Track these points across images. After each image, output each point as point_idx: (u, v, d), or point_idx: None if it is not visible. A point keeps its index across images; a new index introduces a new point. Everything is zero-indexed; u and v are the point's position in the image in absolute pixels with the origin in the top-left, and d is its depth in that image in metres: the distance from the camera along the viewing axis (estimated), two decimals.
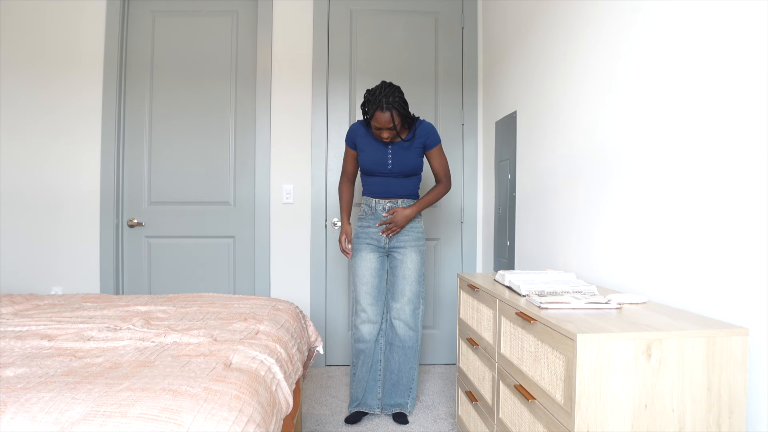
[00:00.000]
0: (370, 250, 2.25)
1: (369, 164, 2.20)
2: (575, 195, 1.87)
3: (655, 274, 1.40)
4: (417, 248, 2.24)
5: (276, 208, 2.99)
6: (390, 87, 2.05)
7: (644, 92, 1.44)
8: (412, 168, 2.21)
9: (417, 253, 2.24)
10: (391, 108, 2.02)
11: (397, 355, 2.26)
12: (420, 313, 2.28)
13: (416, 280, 2.24)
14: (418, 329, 2.27)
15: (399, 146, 2.19)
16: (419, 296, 2.26)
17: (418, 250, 2.25)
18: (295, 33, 3.00)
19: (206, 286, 3.00)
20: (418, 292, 2.26)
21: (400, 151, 2.19)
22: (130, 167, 2.99)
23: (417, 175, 2.27)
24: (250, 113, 3.02)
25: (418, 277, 2.24)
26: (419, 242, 2.26)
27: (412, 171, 2.22)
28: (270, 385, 1.25)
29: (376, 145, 2.19)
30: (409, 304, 2.23)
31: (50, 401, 0.97)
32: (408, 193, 2.25)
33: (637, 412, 1.03)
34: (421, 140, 2.21)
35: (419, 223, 2.28)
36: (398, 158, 2.19)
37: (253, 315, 1.75)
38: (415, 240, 2.25)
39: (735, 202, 1.12)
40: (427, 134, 2.21)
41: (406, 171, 2.20)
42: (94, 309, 1.86)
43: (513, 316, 1.39)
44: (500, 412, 1.50)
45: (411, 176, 2.24)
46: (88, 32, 2.91)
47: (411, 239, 2.24)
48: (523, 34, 2.37)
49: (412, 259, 2.23)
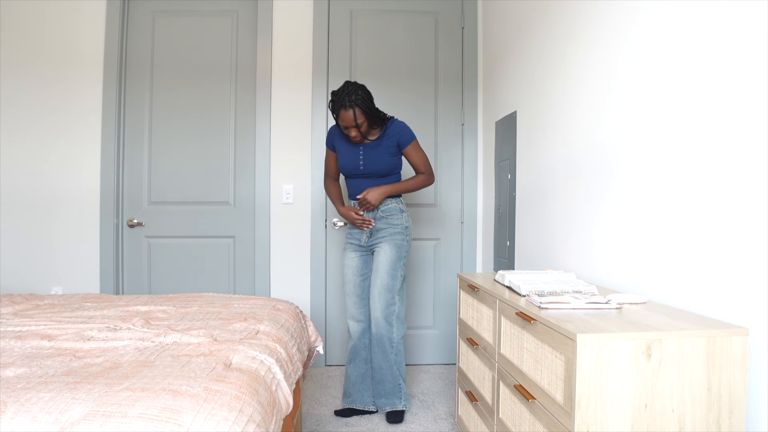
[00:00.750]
0: (353, 249, 2.31)
1: (344, 165, 2.26)
2: (575, 195, 1.87)
3: (655, 274, 1.40)
4: (392, 242, 2.21)
5: (276, 208, 2.99)
6: (353, 85, 2.11)
7: (644, 92, 1.44)
8: (385, 168, 2.22)
9: (391, 247, 2.21)
10: (353, 105, 2.07)
11: (376, 353, 2.23)
12: (395, 309, 2.22)
13: (387, 273, 2.19)
14: (393, 324, 2.22)
15: (370, 146, 2.22)
16: (391, 290, 2.20)
17: (393, 244, 2.21)
18: (295, 33, 3.00)
19: (206, 286, 3.00)
20: (390, 285, 2.20)
21: (371, 150, 2.22)
22: (130, 167, 2.99)
23: (393, 174, 2.27)
24: (250, 113, 3.02)
25: (390, 270, 2.20)
26: (395, 236, 2.22)
27: (385, 171, 2.23)
28: (270, 385, 1.25)
29: (349, 147, 2.25)
30: (379, 297, 2.19)
31: (50, 401, 0.97)
32: None
33: (637, 412, 1.03)
34: (393, 139, 2.21)
35: (399, 219, 2.24)
36: (369, 158, 2.21)
37: (253, 315, 1.75)
38: (391, 234, 2.22)
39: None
40: (398, 133, 2.21)
41: (378, 171, 2.22)
42: (94, 309, 1.86)
43: (513, 316, 1.39)
44: (500, 412, 1.50)
45: (387, 176, 2.25)
46: (88, 32, 2.91)
47: (387, 234, 2.23)
48: (523, 34, 2.37)
49: (385, 251, 2.21)
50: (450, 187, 3.09)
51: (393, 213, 2.25)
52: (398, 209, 2.25)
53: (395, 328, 2.23)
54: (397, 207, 2.25)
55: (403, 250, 2.23)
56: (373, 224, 2.23)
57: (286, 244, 2.99)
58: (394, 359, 2.24)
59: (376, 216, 2.25)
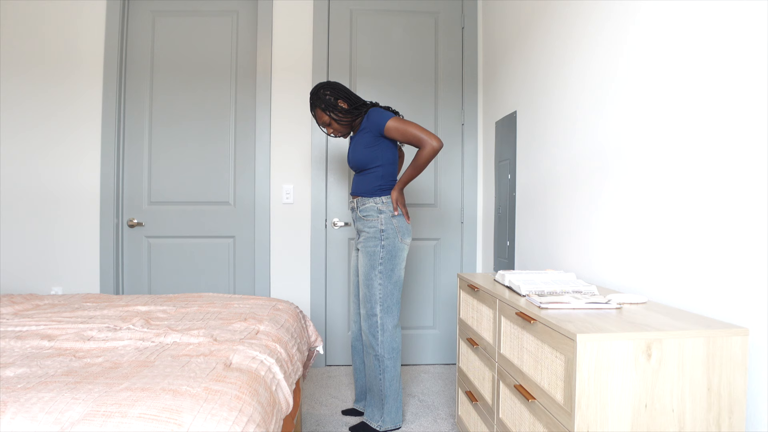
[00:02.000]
0: (354, 248, 2.27)
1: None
2: (575, 195, 1.87)
3: (655, 274, 1.40)
4: (364, 249, 2.08)
5: (276, 208, 2.99)
6: (318, 86, 2.13)
7: (644, 92, 1.44)
8: (358, 161, 2.09)
9: (364, 255, 2.08)
10: (315, 106, 2.13)
11: (368, 360, 2.13)
12: (376, 320, 2.05)
13: (363, 283, 2.08)
14: (376, 337, 2.06)
15: (353, 141, 2.16)
16: (369, 300, 2.06)
17: (365, 252, 2.07)
18: (295, 33, 3.00)
19: (206, 286, 3.00)
20: (366, 296, 2.07)
21: (353, 143, 2.16)
22: (130, 167, 2.99)
23: (372, 168, 2.08)
24: (250, 113, 3.02)
25: (364, 280, 2.07)
26: (368, 242, 2.06)
27: (359, 165, 2.09)
28: (270, 385, 1.25)
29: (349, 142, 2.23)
30: (362, 307, 2.11)
31: (50, 401, 0.97)
32: (361, 191, 2.11)
33: (637, 412, 1.03)
34: (367, 131, 2.07)
35: (374, 222, 2.06)
36: (351, 152, 2.15)
37: (253, 315, 1.75)
38: (365, 240, 2.08)
39: (735, 202, 1.12)
40: (371, 122, 2.06)
41: (355, 165, 2.12)
42: (94, 309, 1.86)
43: (513, 316, 1.39)
44: (500, 412, 1.50)
45: (364, 171, 2.10)
46: (87, 32, 2.91)
47: (363, 239, 2.10)
48: (523, 34, 2.37)
49: (361, 261, 2.11)
50: (450, 187, 3.09)
51: (369, 213, 2.09)
52: (375, 209, 2.07)
53: (380, 341, 2.06)
54: (374, 207, 2.07)
55: (376, 257, 2.04)
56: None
57: (286, 244, 2.99)
58: (383, 375, 2.08)
59: (357, 217, 2.14)
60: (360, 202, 2.12)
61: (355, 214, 2.15)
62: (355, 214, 2.15)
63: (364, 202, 2.10)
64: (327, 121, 2.14)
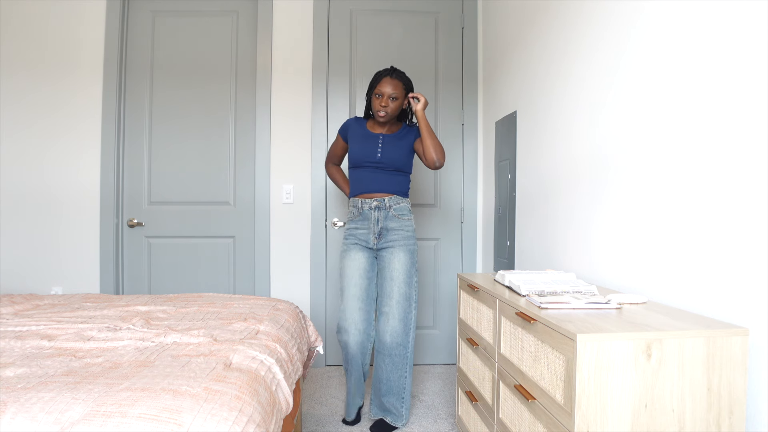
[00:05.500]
0: (359, 249, 2.16)
1: (357, 153, 2.16)
2: (575, 195, 1.87)
3: (655, 274, 1.40)
4: (405, 247, 2.12)
5: (276, 208, 2.99)
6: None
7: (644, 93, 1.44)
8: (401, 161, 2.15)
9: (405, 253, 2.12)
10: (399, 77, 2.12)
11: (385, 363, 2.12)
12: (412, 317, 2.12)
13: (404, 282, 2.10)
14: (409, 335, 2.12)
15: (390, 139, 2.17)
16: (408, 299, 2.11)
17: (407, 250, 2.12)
18: (295, 33, 3.00)
19: (206, 286, 3.00)
20: (408, 294, 2.11)
21: (392, 142, 2.16)
22: (130, 167, 2.99)
23: (405, 173, 2.19)
24: (250, 113, 3.02)
25: (407, 279, 2.11)
26: (408, 241, 2.13)
27: (401, 165, 2.15)
28: (270, 385, 1.25)
29: (367, 136, 2.18)
30: (398, 306, 2.09)
31: (50, 401, 0.97)
32: (396, 190, 2.16)
33: (637, 412, 1.03)
34: (411, 138, 2.20)
35: (409, 222, 2.15)
36: (389, 149, 2.14)
37: (253, 315, 1.75)
38: (404, 239, 2.13)
39: (735, 202, 1.12)
40: (412, 131, 2.22)
41: (395, 163, 2.14)
42: (94, 309, 1.86)
43: (513, 316, 1.39)
44: (500, 412, 1.50)
45: (399, 172, 2.16)
46: (88, 32, 2.91)
47: (399, 238, 2.12)
48: (523, 34, 2.37)
49: (400, 259, 2.11)
50: (450, 187, 3.09)
51: (404, 213, 2.15)
52: (408, 210, 2.17)
53: (410, 338, 2.13)
54: (407, 207, 2.16)
55: (415, 255, 2.15)
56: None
57: (286, 244, 2.99)
58: (408, 371, 2.14)
59: (388, 215, 2.13)
60: (394, 200, 2.15)
61: (383, 212, 2.14)
62: (383, 212, 2.14)
63: (398, 201, 2.16)
64: (397, 96, 2.10)
